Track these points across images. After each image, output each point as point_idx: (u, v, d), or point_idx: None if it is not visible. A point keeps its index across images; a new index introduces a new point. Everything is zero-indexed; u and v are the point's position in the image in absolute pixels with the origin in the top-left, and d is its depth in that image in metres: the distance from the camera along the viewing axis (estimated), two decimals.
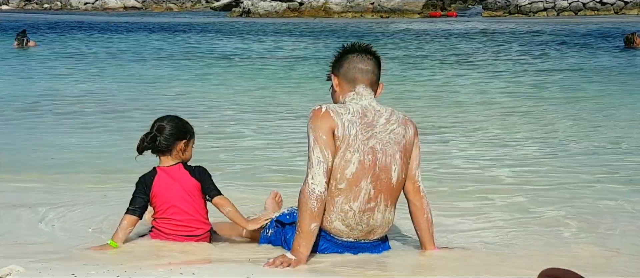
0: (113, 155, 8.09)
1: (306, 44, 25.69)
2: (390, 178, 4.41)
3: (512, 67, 18.30)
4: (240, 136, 9.51)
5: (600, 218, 5.71)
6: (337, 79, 4.51)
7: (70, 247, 4.73)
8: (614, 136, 9.39)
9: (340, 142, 4.31)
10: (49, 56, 21.51)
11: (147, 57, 21.03)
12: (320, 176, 4.25)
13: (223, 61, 20.20)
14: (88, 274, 3.92)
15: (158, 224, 4.63)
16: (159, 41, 27.25)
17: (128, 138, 8.48)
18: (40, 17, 45.46)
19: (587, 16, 42.50)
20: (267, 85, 15.33)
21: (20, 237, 5.00)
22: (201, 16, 49.28)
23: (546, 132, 9.79)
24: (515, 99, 13.02)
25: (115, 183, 6.72)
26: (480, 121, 10.73)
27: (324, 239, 4.42)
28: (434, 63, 19.29)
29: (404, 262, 4.51)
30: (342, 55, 4.54)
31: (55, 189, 6.60)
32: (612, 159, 8.05)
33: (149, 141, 4.59)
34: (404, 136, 4.46)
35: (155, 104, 12.19)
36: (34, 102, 12.49)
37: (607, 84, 14.70)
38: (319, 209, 4.26)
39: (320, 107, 4.36)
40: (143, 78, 16.36)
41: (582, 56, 20.17)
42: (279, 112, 11.60)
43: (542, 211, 5.95)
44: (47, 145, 8.85)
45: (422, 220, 4.56)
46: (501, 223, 5.61)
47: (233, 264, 4.31)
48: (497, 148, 8.73)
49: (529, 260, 4.60)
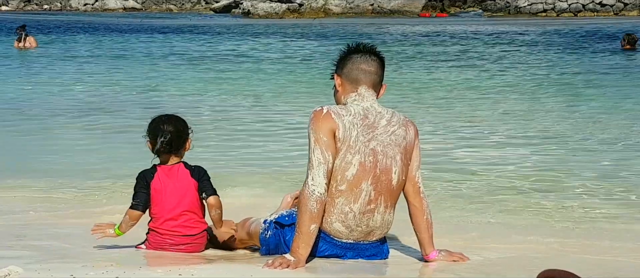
0: (112, 157, 8.08)
1: (306, 44, 25.70)
2: (391, 179, 4.41)
3: (512, 68, 18.30)
4: (239, 138, 9.50)
5: (598, 220, 5.71)
6: (340, 79, 4.50)
7: (69, 248, 4.73)
8: (613, 137, 9.38)
9: (341, 144, 4.30)
10: (49, 56, 21.50)
11: (145, 59, 21.02)
12: (320, 177, 4.25)
13: (223, 62, 20.20)
14: (87, 275, 3.92)
15: (154, 224, 4.62)
16: (159, 42, 27.24)
17: (127, 140, 8.49)
18: (40, 18, 45.44)
19: (586, 18, 42.50)
20: (267, 86, 15.32)
21: (19, 238, 4.99)
22: (201, 17, 49.28)
23: (544, 134, 9.79)
24: (514, 100, 13.01)
25: (114, 185, 6.72)
26: (478, 121, 10.73)
27: (324, 240, 4.42)
28: (432, 64, 19.29)
29: (401, 266, 4.51)
30: (346, 55, 4.52)
31: (53, 190, 6.60)
32: (611, 160, 8.05)
33: (167, 143, 4.59)
34: (405, 137, 4.45)
35: (154, 106, 12.17)
36: (32, 104, 12.48)
37: (607, 86, 14.69)
38: (318, 210, 4.25)
39: (321, 108, 4.35)
40: (142, 79, 16.35)
41: (579, 58, 20.17)
42: (280, 113, 11.59)
43: (540, 213, 5.95)
44: (45, 147, 8.85)
45: (421, 221, 4.55)
46: (499, 225, 5.61)
47: (232, 265, 4.32)
48: (496, 149, 8.73)
49: (527, 261, 4.60)
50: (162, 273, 3.97)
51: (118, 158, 7.82)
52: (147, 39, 28.86)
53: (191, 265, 4.23)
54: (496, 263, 4.55)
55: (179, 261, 4.34)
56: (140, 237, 4.70)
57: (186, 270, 4.04)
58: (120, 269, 4.02)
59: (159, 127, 4.63)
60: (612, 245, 5.07)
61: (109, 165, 7.64)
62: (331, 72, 4.61)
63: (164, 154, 4.64)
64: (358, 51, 4.53)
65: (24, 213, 5.77)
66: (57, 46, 25.26)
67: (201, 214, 4.69)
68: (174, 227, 4.60)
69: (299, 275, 4.10)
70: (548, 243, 5.10)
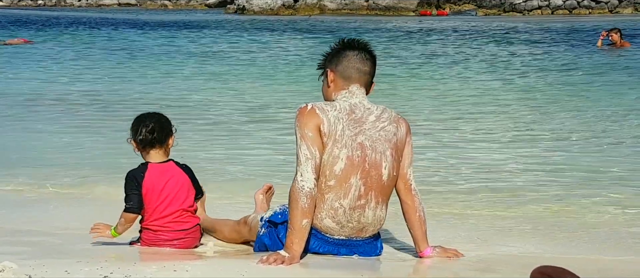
0: (106, 153, 8.07)
1: (301, 41, 25.67)
2: (381, 175, 4.41)
3: (506, 65, 18.31)
4: (233, 135, 9.50)
5: (593, 218, 5.72)
6: (333, 74, 4.49)
7: (64, 244, 4.73)
8: (611, 134, 9.40)
9: (327, 138, 4.31)
10: (43, 52, 21.45)
11: (140, 55, 20.98)
12: (308, 172, 4.26)
13: (216, 58, 20.17)
14: (81, 270, 3.92)
15: (147, 222, 4.61)
16: (153, 38, 27.19)
17: (122, 135, 8.46)
18: (34, 13, 45.31)
19: (581, 15, 42.54)
20: (260, 82, 15.30)
21: (14, 235, 4.99)
22: (195, 13, 49.21)
23: (540, 130, 9.80)
24: (509, 97, 13.01)
25: (107, 181, 6.71)
26: (475, 119, 10.73)
27: (315, 237, 4.42)
28: (426, 61, 19.28)
29: (396, 262, 4.52)
30: (339, 50, 4.51)
31: (48, 186, 6.59)
32: (606, 157, 8.06)
33: (149, 132, 4.57)
34: (395, 134, 4.46)
35: (148, 102, 12.15)
36: (27, 100, 12.46)
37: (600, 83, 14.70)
38: (309, 205, 4.26)
39: (306, 105, 4.37)
40: (136, 75, 16.31)
41: (576, 54, 20.18)
42: (273, 110, 11.58)
43: (535, 210, 5.96)
44: (39, 143, 8.83)
45: (414, 218, 4.55)
46: (495, 223, 5.62)
47: (226, 261, 4.32)
48: (491, 145, 8.74)
49: (521, 258, 4.61)
50: (157, 269, 3.97)
51: (112, 153, 7.81)
52: (141, 35, 28.81)
53: (185, 261, 4.24)
54: (491, 260, 4.56)
55: (173, 257, 4.34)
56: (135, 234, 4.70)
57: (180, 266, 4.04)
58: (114, 265, 4.02)
59: (140, 121, 4.64)
60: (612, 245, 5.08)
61: (104, 161, 7.63)
62: (319, 63, 4.58)
63: (148, 147, 4.60)
64: (352, 47, 4.52)
65: (18, 208, 5.76)
66: (51, 42, 25.20)
67: (193, 209, 4.70)
68: (166, 223, 4.61)
69: (293, 271, 4.11)
70: (542, 241, 5.11)
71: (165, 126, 4.66)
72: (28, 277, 3.81)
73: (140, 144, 4.60)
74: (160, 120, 4.67)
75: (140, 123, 4.62)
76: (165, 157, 4.66)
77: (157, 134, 4.59)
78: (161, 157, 4.64)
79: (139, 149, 4.64)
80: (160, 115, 4.73)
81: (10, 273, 3.85)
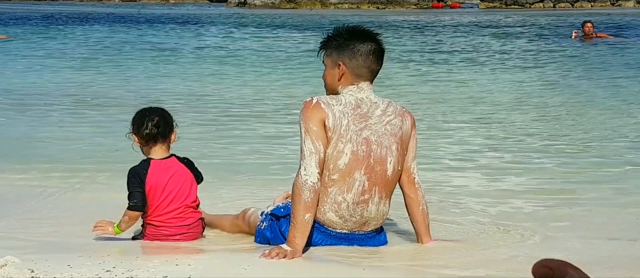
0: (105, 148, 8.06)
1: (302, 35, 25.66)
2: (386, 170, 4.40)
3: (507, 59, 18.31)
4: (234, 129, 9.49)
5: (593, 213, 5.72)
6: (345, 68, 4.42)
7: (66, 239, 4.73)
8: (610, 130, 9.40)
9: (332, 133, 4.29)
10: (36, 48, 21.44)
11: (139, 50, 20.97)
12: (312, 167, 4.25)
13: (218, 54, 20.16)
14: (83, 264, 3.92)
15: (150, 218, 4.61)
16: (153, 33, 27.19)
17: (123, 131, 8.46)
18: (32, 7, 45.37)
19: (583, 8, 42.51)
20: (262, 77, 15.30)
21: (16, 229, 4.99)
22: (196, 8, 49.19)
23: (541, 125, 9.79)
24: (509, 92, 13.01)
25: (107, 175, 6.70)
26: (475, 114, 10.73)
27: (318, 231, 4.42)
28: (428, 55, 19.28)
29: (399, 252, 4.51)
30: (352, 41, 4.41)
31: (49, 181, 6.59)
32: (604, 151, 8.06)
33: (155, 125, 4.56)
34: (401, 127, 4.45)
35: (147, 98, 12.16)
36: (25, 94, 12.46)
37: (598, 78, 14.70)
38: (312, 200, 4.26)
39: (311, 99, 4.35)
40: (134, 72, 16.30)
41: (577, 47, 20.16)
42: (276, 105, 11.58)
43: (537, 205, 5.95)
44: (41, 136, 8.83)
45: (417, 211, 4.55)
46: (497, 217, 5.62)
47: (228, 255, 4.32)
48: (492, 141, 8.74)
49: (525, 250, 4.60)
50: (159, 263, 3.97)
51: (114, 147, 7.81)
52: (141, 30, 28.80)
53: (188, 254, 4.24)
54: (492, 255, 4.55)
55: (175, 251, 4.34)
56: (138, 229, 4.70)
57: (183, 259, 4.04)
58: (117, 259, 4.02)
59: (145, 115, 4.62)
60: (612, 245, 5.07)
61: (106, 155, 7.63)
62: (323, 42, 4.46)
63: (152, 143, 4.59)
64: (364, 39, 4.43)
65: (20, 203, 5.76)
66: (47, 37, 25.20)
67: (196, 204, 4.70)
68: (169, 219, 4.60)
69: (295, 265, 4.10)
70: (545, 236, 5.10)
71: (169, 120, 4.66)
72: (30, 271, 3.81)
73: (145, 139, 4.57)
74: (164, 115, 4.66)
75: (145, 117, 4.59)
76: (167, 152, 4.64)
77: (161, 128, 4.59)
78: (164, 152, 4.63)
79: (141, 144, 4.62)
80: (163, 110, 4.72)
81: (12, 267, 3.85)
